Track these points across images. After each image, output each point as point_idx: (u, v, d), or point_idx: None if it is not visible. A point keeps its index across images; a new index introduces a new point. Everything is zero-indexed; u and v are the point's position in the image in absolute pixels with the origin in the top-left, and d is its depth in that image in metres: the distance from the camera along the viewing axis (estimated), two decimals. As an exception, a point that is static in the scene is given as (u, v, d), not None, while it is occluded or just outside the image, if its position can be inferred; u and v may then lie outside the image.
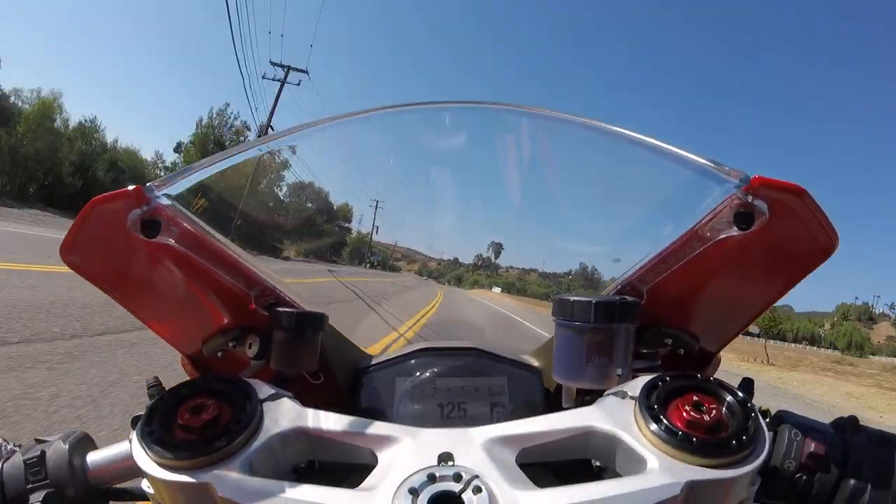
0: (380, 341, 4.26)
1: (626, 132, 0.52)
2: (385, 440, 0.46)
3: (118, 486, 0.53)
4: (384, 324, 4.44)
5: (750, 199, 0.46)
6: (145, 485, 0.45)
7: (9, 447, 0.53)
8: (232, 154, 0.52)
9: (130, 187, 0.48)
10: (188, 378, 0.53)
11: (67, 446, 0.50)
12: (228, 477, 0.41)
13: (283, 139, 0.55)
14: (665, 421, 0.43)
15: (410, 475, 0.41)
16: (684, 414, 0.44)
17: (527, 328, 7.82)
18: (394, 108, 0.59)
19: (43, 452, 0.50)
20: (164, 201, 0.50)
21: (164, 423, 0.45)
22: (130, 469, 0.49)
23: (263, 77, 24.97)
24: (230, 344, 0.63)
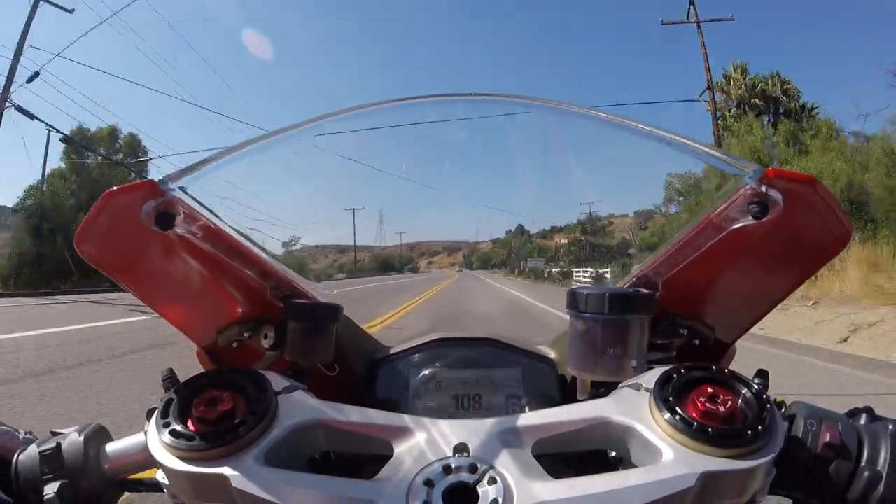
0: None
1: (641, 125, 0.52)
2: (400, 431, 0.46)
3: (133, 477, 0.53)
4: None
5: (764, 189, 0.47)
6: (160, 476, 0.45)
7: (21, 437, 0.54)
8: (246, 146, 0.52)
9: (144, 180, 0.48)
10: (203, 370, 0.53)
11: (83, 438, 0.50)
12: (243, 468, 0.41)
13: (301, 130, 0.55)
14: (680, 412, 0.43)
15: (425, 466, 0.41)
16: (699, 405, 0.44)
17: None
18: (409, 101, 0.59)
19: (59, 444, 0.50)
20: (179, 194, 0.50)
21: (179, 414, 0.45)
22: (146, 460, 0.50)
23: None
24: (245, 335, 0.64)
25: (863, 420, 0.47)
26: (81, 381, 4.31)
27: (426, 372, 0.73)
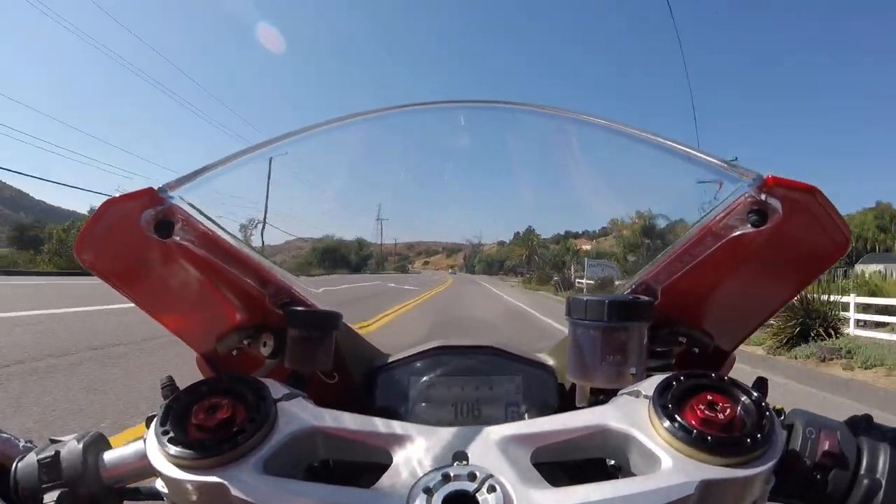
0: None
1: (638, 131, 0.52)
2: (399, 439, 0.46)
3: (132, 485, 0.53)
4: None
5: (764, 197, 0.47)
6: (160, 484, 0.45)
7: (21, 445, 0.54)
8: (245, 154, 0.53)
9: (143, 188, 0.48)
10: (202, 377, 0.53)
11: (82, 446, 0.50)
12: (242, 476, 0.41)
13: (302, 136, 0.55)
14: (679, 419, 0.43)
15: (425, 475, 0.41)
16: (698, 413, 0.44)
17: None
18: (415, 107, 0.59)
19: (57, 452, 0.50)
20: (178, 202, 0.50)
21: (178, 422, 0.45)
22: (145, 469, 0.49)
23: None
24: (245, 342, 0.64)
25: (862, 428, 0.47)
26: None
27: (426, 379, 0.73)
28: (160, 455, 0.43)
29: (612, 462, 0.50)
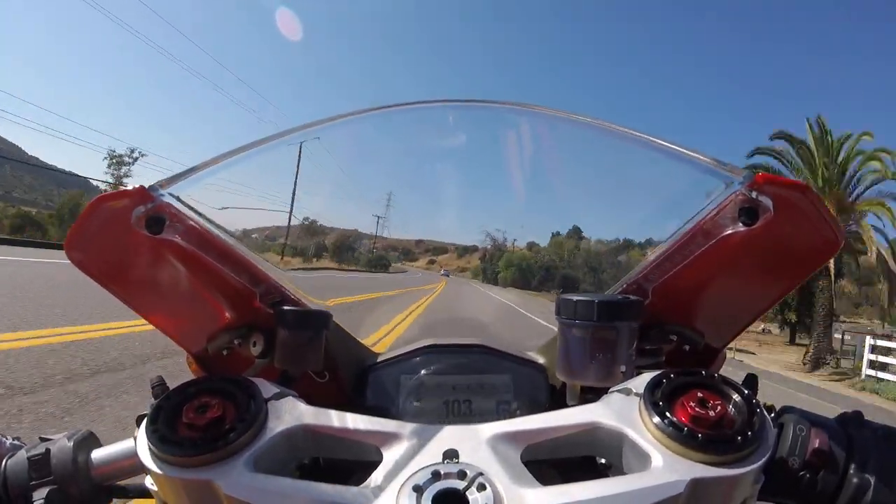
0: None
1: (630, 131, 0.53)
2: (390, 437, 0.46)
3: (122, 483, 0.53)
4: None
5: (754, 195, 0.47)
6: (149, 482, 0.45)
7: (8, 443, 0.54)
8: (236, 153, 0.53)
9: (134, 186, 0.48)
10: (193, 377, 0.53)
11: (72, 444, 0.51)
12: (232, 474, 0.41)
13: (297, 135, 0.55)
14: (670, 416, 0.43)
15: (415, 472, 0.41)
16: (689, 410, 0.44)
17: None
18: (414, 105, 0.59)
19: (48, 450, 0.50)
20: (169, 199, 0.50)
21: (168, 421, 0.45)
22: (134, 466, 0.50)
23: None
24: (235, 342, 0.63)
25: (853, 426, 0.47)
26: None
27: (416, 378, 0.73)
28: (149, 453, 0.43)
29: (603, 460, 0.50)
